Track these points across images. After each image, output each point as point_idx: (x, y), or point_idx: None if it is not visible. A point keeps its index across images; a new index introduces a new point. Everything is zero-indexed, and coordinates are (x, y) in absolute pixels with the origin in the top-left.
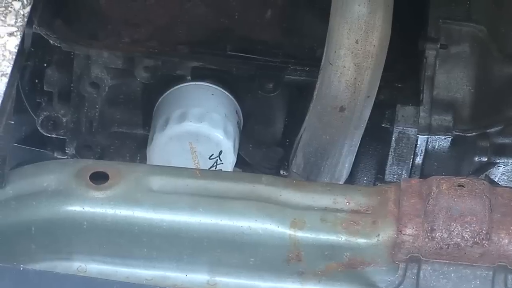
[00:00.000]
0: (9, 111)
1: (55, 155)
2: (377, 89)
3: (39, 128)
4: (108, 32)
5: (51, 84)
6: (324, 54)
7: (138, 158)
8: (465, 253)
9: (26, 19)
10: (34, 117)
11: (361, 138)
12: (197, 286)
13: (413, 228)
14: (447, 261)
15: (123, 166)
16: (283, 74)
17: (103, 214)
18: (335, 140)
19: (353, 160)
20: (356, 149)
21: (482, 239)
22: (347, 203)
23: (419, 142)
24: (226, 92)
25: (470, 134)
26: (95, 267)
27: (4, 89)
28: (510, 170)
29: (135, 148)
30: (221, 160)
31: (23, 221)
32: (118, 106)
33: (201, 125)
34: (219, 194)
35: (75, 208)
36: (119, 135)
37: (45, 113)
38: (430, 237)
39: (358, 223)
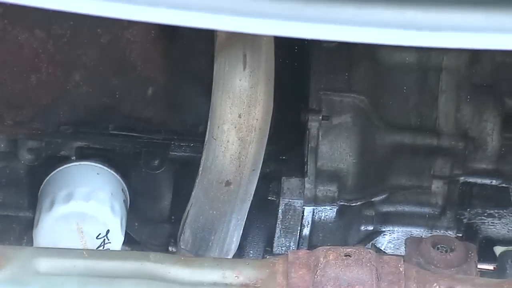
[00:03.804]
0: None
1: None
2: (261, 162)
3: None
4: None
5: None
6: (208, 129)
7: (25, 240)
8: None
9: None
10: None
11: (248, 211)
12: None
13: None
14: None
15: (8, 249)
16: (168, 151)
17: None
18: (222, 215)
19: (241, 233)
20: (244, 222)
21: None
22: (236, 277)
23: (305, 213)
24: (111, 171)
25: (355, 204)
26: None
27: None
28: (396, 238)
29: (21, 231)
30: (108, 239)
31: None
32: (2, 189)
33: (87, 204)
34: (107, 274)
35: None
36: (4, 218)
37: None
38: None
39: None
